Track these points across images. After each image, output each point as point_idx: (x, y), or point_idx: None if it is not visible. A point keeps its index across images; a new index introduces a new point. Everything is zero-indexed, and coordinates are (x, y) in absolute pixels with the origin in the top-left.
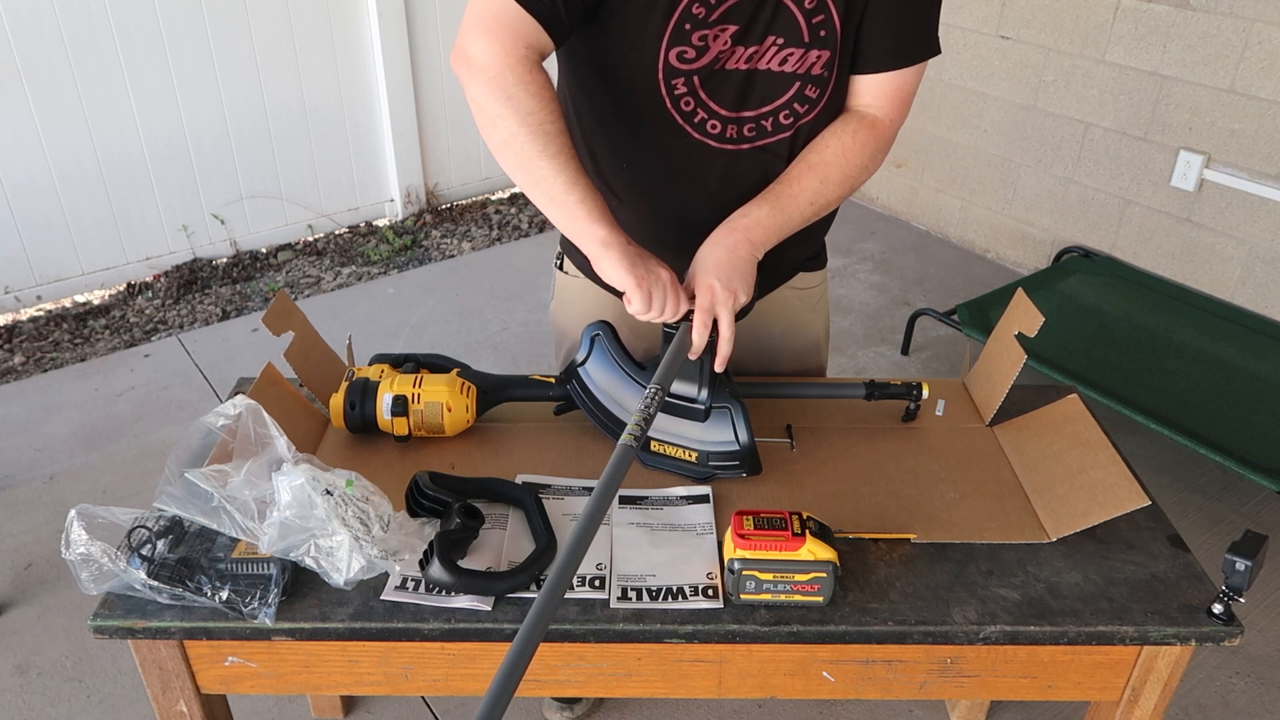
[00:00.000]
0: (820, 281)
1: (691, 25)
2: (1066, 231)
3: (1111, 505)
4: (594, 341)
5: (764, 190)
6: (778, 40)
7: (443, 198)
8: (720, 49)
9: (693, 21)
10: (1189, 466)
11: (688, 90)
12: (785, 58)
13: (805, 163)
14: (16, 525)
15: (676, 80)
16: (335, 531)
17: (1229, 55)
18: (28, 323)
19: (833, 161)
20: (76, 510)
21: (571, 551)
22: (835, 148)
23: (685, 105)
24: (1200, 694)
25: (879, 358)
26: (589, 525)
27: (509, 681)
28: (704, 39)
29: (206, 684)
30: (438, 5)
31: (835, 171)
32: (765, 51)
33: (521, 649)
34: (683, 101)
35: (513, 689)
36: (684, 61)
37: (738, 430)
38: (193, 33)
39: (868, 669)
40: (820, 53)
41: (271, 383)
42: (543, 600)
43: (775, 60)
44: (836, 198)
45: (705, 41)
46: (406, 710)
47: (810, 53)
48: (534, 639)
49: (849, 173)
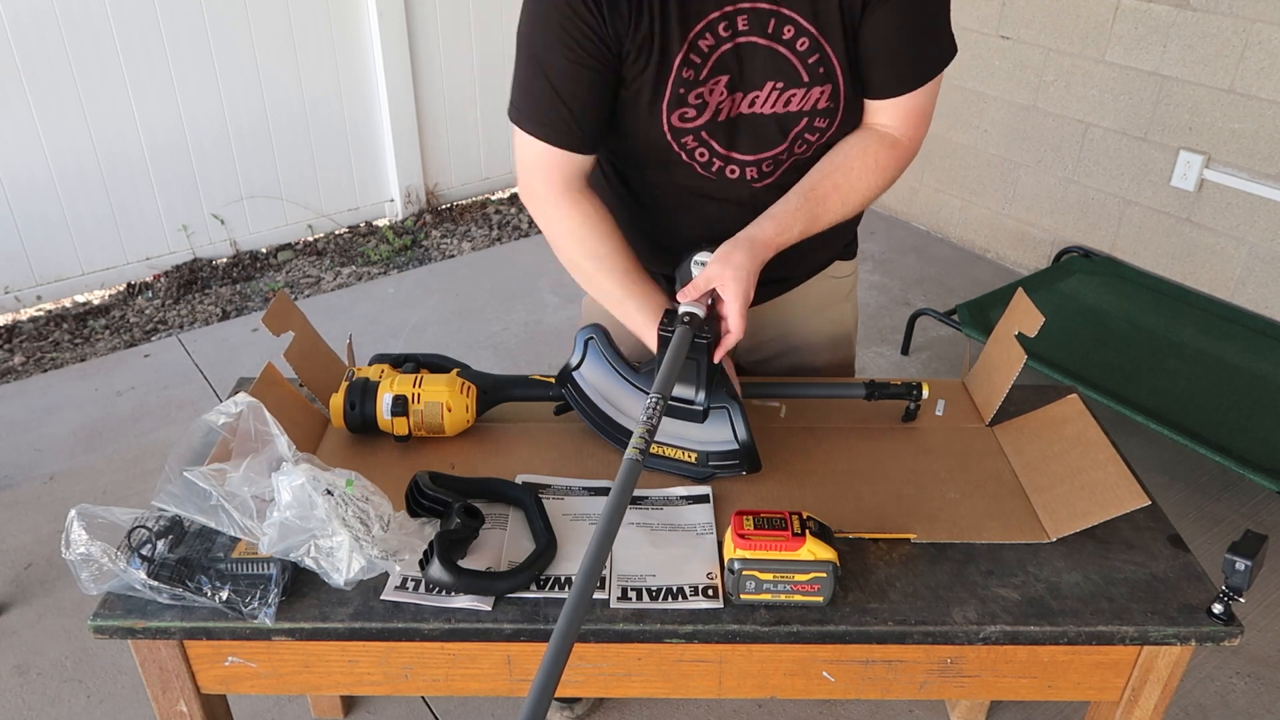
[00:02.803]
0: (852, 271)
1: (685, 88)
2: (1066, 231)
3: (1111, 505)
4: (588, 345)
5: (794, 205)
6: (777, 84)
7: (443, 198)
8: (718, 101)
9: (686, 84)
10: (1189, 466)
11: (698, 144)
12: (789, 99)
13: (830, 182)
14: (16, 525)
15: (686, 139)
16: (336, 532)
17: (1229, 55)
18: (28, 323)
19: (857, 185)
20: (76, 510)
21: (588, 573)
22: (860, 169)
23: (700, 157)
24: (1200, 694)
25: (879, 358)
26: (603, 544)
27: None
28: (700, 96)
29: (206, 684)
30: (438, 5)
31: (856, 195)
32: (767, 97)
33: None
34: (697, 154)
35: (549, 698)
36: (686, 121)
37: (736, 429)
38: (192, 32)
39: (868, 669)
40: (823, 88)
41: (271, 383)
42: (567, 616)
43: (780, 102)
44: (851, 216)
45: (702, 99)
46: (406, 710)
47: (813, 90)
48: (565, 649)
49: (867, 193)
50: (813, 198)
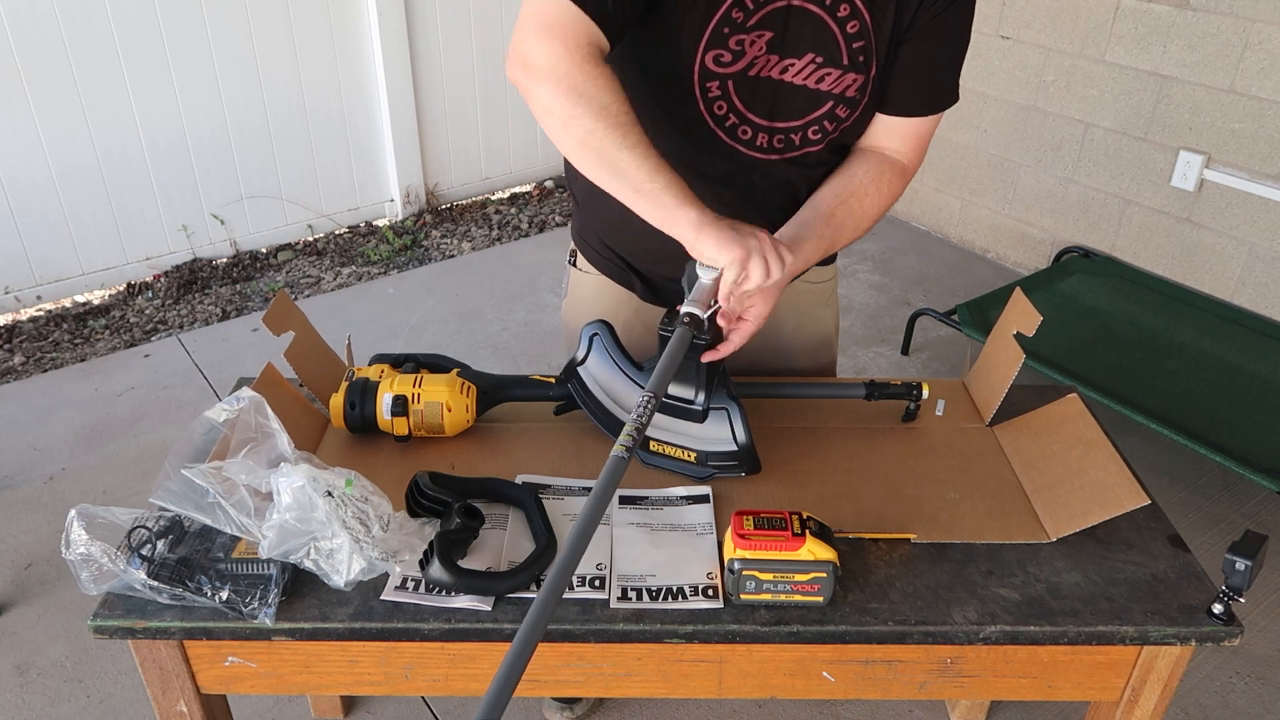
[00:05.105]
0: (832, 275)
1: (730, 29)
2: (1066, 231)
3: (1111, 505)
4: (592, 341)
5: (816, 232)
6: (817, 58)
7: (443, 198)
8: (755, 54)
9: (731, 25)
10: (1189, 466)
11: (721, 94)
12: (823, 76)
13: (846, 209)
14: (16, 525)
15: (711, 83)
16: (336, 534)
17: (1229, 55)
18: (28, 323)
19: (869, 212)
20: (76, 510)
21: (564, 565)
22: (873, 196)
23: (718, 109)
24: (1200, 694)
25: (879, 358)
26: (581, 538)
27: (506, 686)
28: (740, 44)
29: (206, 684)
30: (438, 5)
31: (866, 222)
32: (804, 67)
33: (516, 657)
34: (716, 105)
35: (509, 694)
36: (720, 65)
37: (735, 430)
38: (192, 32)
39: (868, 669)
40: (857, 76)
41: (271, 383)
42: (535, 612)
43: (813, 78)
44: (857, 239)
45: (741, 46)
46: (406, 710)
47: (847, 75)
48: (529, 646)
49: (874, 220)
50: (831, 224)
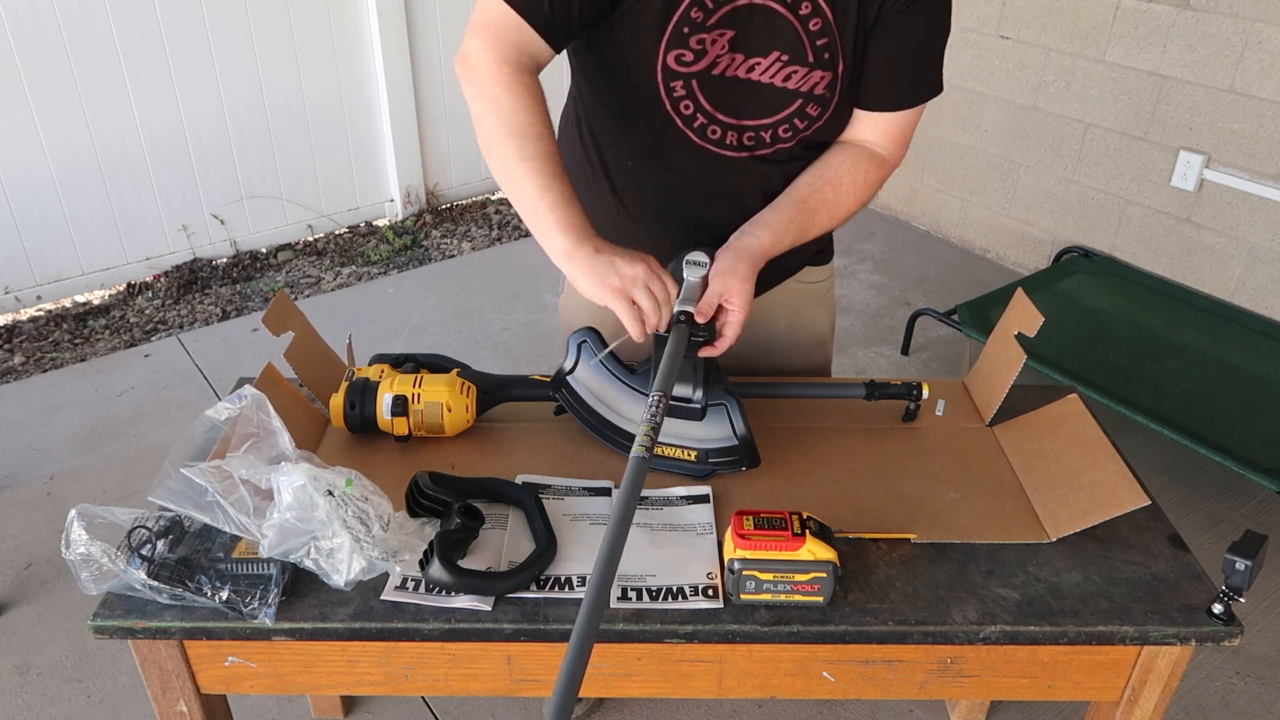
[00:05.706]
0: (827, 276)
1: (690, 29)
2: (1066, 231)
3: (1111, 505)
4: (580, 349)
5: (787, 216)
6: (783, 56)
7: (443, 198)
8: (718, 53)
9: (691, 25)
10: (1189, 466)
11: (686, 94)
12: (790, 74)
13: (820, 196)
14: (16, 525)
15: (675, 83)
16: (336, 533)
17: (1229, 55)
18: (28, 323)
19: (845, 200)
20: (76, 510)
21: (603, 572)
22: (849, 185)
23: (685, 109)
24: (1200, 694)
25: (879, 358)
26: (617, 540)
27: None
28: (701, 43)
29: (206, 684)
30: (438, 5)
31: (842, 210)
32: (770, 66)
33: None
34: (682, 105)
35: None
36: (682, 64)
37: (734, 424)
38: (192, 32)
39: (868, 669)
40: (824, 74)
41: (271, 383)
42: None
43: (780, 75)
44: (833, 229)
45: (703, 45)
46: (406, 710)
47: (814, 73)
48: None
49: (852, 209)
50: (804, 210)
